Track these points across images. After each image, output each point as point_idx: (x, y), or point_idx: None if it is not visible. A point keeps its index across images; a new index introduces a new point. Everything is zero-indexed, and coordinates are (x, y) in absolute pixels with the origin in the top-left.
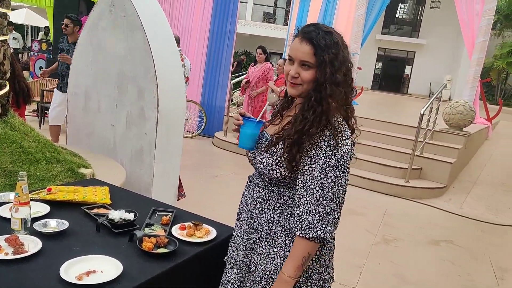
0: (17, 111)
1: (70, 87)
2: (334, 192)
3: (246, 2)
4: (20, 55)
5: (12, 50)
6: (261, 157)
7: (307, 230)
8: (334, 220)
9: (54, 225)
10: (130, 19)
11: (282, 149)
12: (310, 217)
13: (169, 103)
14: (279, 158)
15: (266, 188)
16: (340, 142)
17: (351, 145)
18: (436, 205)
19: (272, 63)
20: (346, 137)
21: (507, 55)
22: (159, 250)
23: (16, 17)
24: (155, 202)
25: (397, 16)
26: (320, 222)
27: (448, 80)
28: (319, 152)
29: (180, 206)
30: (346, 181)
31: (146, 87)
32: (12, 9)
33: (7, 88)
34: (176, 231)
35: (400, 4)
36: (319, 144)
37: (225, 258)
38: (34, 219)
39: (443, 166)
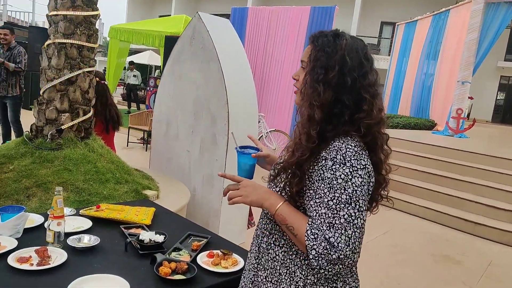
0: (106, 136)
1: (155, 115)
2: (348, 236)
3: None
4: (141, 91)
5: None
6: (268, 187)
7: (310, 241)
8: (340, 264)
9: (86, 240)
10: (207, 50)
11: (285, 180)
12: (316, 247)
13: (239, 129)
14: (281, 190)
15: (273, 220)
16: (350, 174)
17: (368, 178)
18: None
19: None
20: (359, 167)
21: None
22: (176, 276)
23: (140, 58)
24: (196, 226)
25: None
26: (321, 258)
27: None
28: (323, 185)
29: (249, 235)
30: (363, 222)
31: (219, 114)
32: (138, 52)
33: (90, 114)
34: (202, 258)
35: None
36: (322, 175)
37: None
38: (74, 233)
39: None
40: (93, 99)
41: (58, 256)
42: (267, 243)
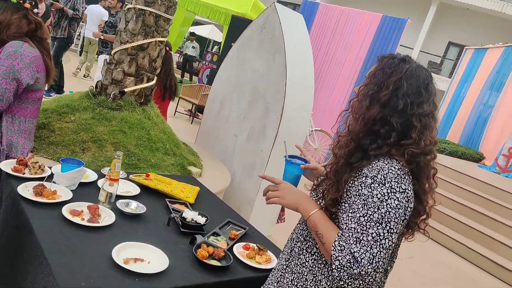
0: (161, 103)
1: (210, 94)
2: (373, 254)
3: (413, 49)
4: (196, 63)
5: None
6: (309, 194)
7: (335, 252)
8: (360, 280)
9: (134, 206)
10: (275, 42)
11: (323, 189)
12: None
13: (290, 127)
14: (320, 199)
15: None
16: (387, 194)
17: (406, 203)
18: None
19: None
20: (397, 189)
21: None
22: (211, 261)
23: (201, 30)
24: (235, 215)
25: None
26: (343, 270)
27: None
28: (358, 200)
29: (276, 229)
30: (391, 244)
31: (273, 106)
32: (201, 24)
33: (153, 82)
34: (238, 248)
35: None
36: (360, 191)
37: (262, 287)
38: (122, 197)
39: None
40: (159, 68)
41: (107, 216)
42: (299, 249)
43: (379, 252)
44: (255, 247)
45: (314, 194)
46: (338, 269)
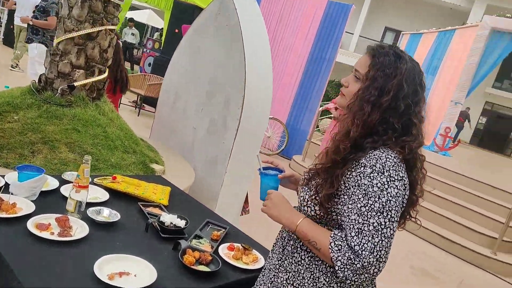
0: (112, 97)
1: (164, 84)
2: (374, 244)
3: (353, 34)
4: (135, 50)
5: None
6: (301, 190)
7: (334, 253)
8: (365, 273)
9: (106, 214)
10: (232, 29)
11: (317, 184)
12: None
13: (252, 117)
14: (314, 194)
15: None
16: (387, 183)
17: (404, 191)
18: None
19: None
20: (396, 177)
21: None
22: (199, 267)
23: (139, 16)
24: (212, 214)
25: None
26: (346, 268)
27: None
28: (358, 191)
29: (241, 221)
30: (392, 233)
31: (233, 97)
32: (137, 9)
33: (105, 74)
34: (223, 250)
35: None
36: (359, 181)
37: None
38: (90, 204)
39: None
40: (110, 59)
41: (78, 228)
42: (293, 247)
43: (380, 241)
44: (240, 247)
45: (306, 188)
46: (342, 269)
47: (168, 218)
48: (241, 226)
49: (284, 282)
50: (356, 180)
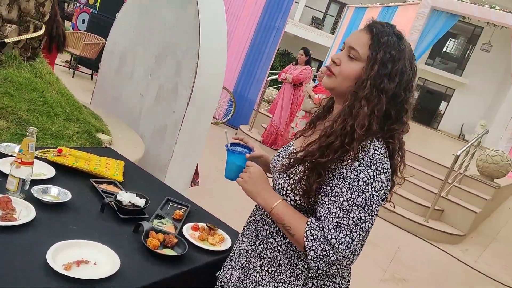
0: (48, 57)
1: (108, 45)
2: (352, 238)
3: (298, 3)
4: (66, 4)
5: None
6: (278, 176)
7: (309, 242)
8: (338, 265)
9: (55, 193)
10: None
11: (301, 174)
12: (315, 248)
13: (205, 86)
14: (295, 184)
15: None
16: (373, 177)
17: (387, 182)
18: (451, 253)
19: (313, 68)
20: (382, 171)
21: None
22: (164, 250)
23: None
24: (170, 190)
25: (444, 50)
26: (319, 259)
27: (482, 125)
28: (342, 184)
29: (191, 194)
30: (370, 226)
31: (186, 64)
32: None
33: (42, 31)
34: (187, 230)
35: (450, 38)
36: (345, 174)
37: (217, 273)
38: (34, 182)
39: (466, 214)
40: (48, 14)
41: (23, 210)
42: (268, 231)
43: (358, 236)
44: (205, 227)
45: (285, 176)
46: (314, 259)
47: (126, 197)
48: (191, 198)
49: (258, 268)
50: (342, 173)
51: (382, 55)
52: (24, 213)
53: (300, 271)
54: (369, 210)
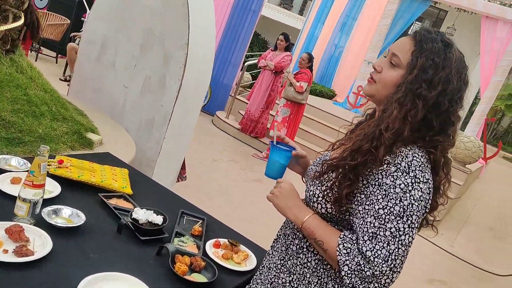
0: (22, 45)
1: (85, 34)
2: (390, 251)
3: None
4: None
5: None
6: (310, 183)
7: (342, 256)
8: (375, 282)
9: (67, 214)
10: None
11: (333, 180)
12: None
13: (195, 77)
14: (327, 190)
15: None
16: (411, 184)
17: (428, 195)
18: (428, 238)
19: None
20: (421, 179)
21: (508, 97)
22: (193, 275)
23: None
24: (182, 201)
25: (409, 33)
26: (354, 275)
27: None
28: (378, 191)
29: (178, 189)
30: (411, 240)
31: (174, 54)
32: None
33: (21, 21)
34: (210, 248)
35: (415, 22)
36: (380, 180)
37: (247, 287)
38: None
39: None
40: (27, 2)
41: (36, 239)
42: (298, 247)
43: (396, 249)
44: (227, 243)
45: (317, 182)
46: (349, 275)
47: (143, 215)
48: (178, 194)
49: (287, 284)
50: (377, 179)
51: (424, 61)
52: (38, 242)
53: None
54: (409, 221)
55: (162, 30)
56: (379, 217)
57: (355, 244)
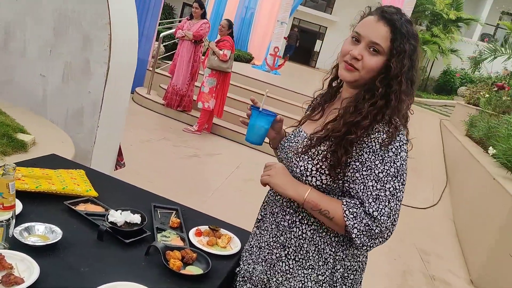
0: None
1: None
2: (391, 208)
3: None
4: None
5: None
6: (298, 159)
7: (350, 220)
8: (380, 238)
9: (40, 231)
10: None
11: (325, 151)
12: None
13: (122, 58)
14: (320, 163)
15: None
16: (399, 147)
17: (407, 152)
18: None
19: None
20: (404, 141)
21: None
22: (189, 268)
23: None
24: (149, 194)
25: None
26: (363, 234)
27: None
28: (374, 157)
29: (117, 177)
30: (403, 195)
31: (96, 36)
32: None
33: None
34: (193, 238)
35: None
36: (374, 147)
37: (237, 269)
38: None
39: None
40: None
41: (19, 264)
42: (290, 221)
43: (395, 205)
44: (208, 230)
45: (306, 157)
46: (358, 236)
47: (119, 216)
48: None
49: (283, 258)
50: (371, 146)
51: (408, 47)
52: (22, 266)
53: (328, 255)
54: (401, 180)
55: (77, 11)
56: (380, 180)
57: (360, 208)
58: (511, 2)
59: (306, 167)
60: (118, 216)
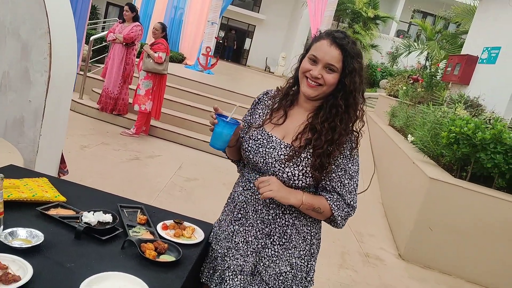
0: None
1: None
2: (356, 195)
3: None
4: None
5: None
6: (283, 166)
7: (336, 211)
8: (350, 217)
9: (23, 235)
10: None
11: (309, 159)
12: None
13: (63, 65)
14: (305, 169)
15: None
16: (357, 150)
17: None
18: None
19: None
20: (358, 146)
21: None
22: (163, 257)
23: None
24: (109, 195)
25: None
26: (345, 219)
27: (283, 57)
28: (347, 160)
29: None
30: None
31: (34, 44)
32: None
33: None
34: (161, 232)
35: None
36: (345, 153)
37: (226, 266)
38: None
39: None
40: None
41: (10, 264)
42: (274, 214)
43: (356, 193)
44: (173, 223)
45: (291, 164)
46: (341, 221)
47: (92, 217)
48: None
49: (269, 245)
50: (343, 152)
51: (357, 65)
52: (14, 267)
53: (306, 233)
54: (359, 174)
55: (13, 19)
56: (352, 177)
57: (341, 200)
58: (421, 1)
59: (293, 173)
60: (92, 217)
